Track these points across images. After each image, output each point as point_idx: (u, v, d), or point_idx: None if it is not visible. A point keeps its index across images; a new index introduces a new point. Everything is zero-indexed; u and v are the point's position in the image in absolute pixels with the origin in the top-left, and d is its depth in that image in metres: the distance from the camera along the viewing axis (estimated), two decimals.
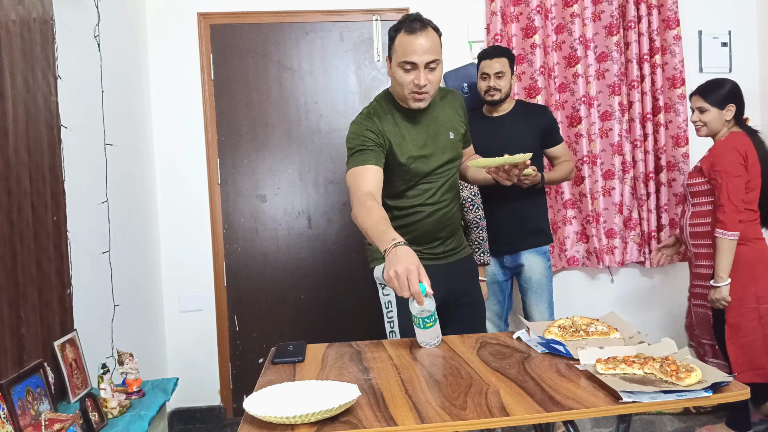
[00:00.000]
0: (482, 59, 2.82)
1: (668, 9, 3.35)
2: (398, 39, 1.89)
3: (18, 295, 1.78)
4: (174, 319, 3.32)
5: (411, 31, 1.86)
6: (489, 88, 2.81)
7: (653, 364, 1.34)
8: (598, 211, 3.39)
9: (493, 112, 2.91)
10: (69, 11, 2.25)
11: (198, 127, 3.30)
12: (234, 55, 3.31)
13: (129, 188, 2.84)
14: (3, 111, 1.76)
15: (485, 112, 2.94)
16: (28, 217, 1.86)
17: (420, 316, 1.64)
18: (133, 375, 2.09)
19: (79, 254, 2.18)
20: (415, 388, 1.37)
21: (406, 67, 1.88)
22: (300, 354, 1.68)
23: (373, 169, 1.88)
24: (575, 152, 3.37)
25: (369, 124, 1.96)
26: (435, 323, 1.67)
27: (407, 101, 1.95)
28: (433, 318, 1.65)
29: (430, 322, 1.65)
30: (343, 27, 3.36)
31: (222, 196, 3.33)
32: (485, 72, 2.80)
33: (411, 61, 1.86)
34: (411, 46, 1.86)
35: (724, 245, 2.51)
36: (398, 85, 1.93)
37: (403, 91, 1.92)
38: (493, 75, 2.78)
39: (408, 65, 1.87)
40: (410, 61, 1.86)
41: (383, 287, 2.08)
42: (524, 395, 1.29)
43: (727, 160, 2.53)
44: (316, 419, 1.19)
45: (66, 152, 2.13)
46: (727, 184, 2.51)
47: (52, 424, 1.57)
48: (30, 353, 1.80)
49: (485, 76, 2.81)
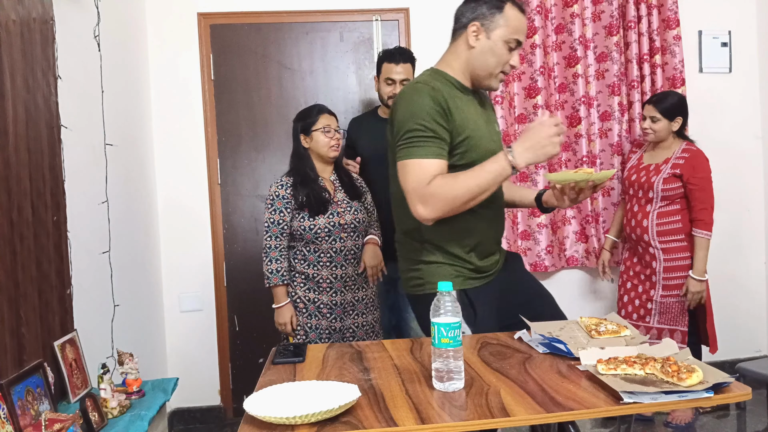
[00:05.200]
0: (387, 61, 2.71)
1: (668, 9, 3.34)
2: (509, 11, 1.71)
3: (18, 295, 1.77)
4: (174, 319, 3.32)
5: (522, 11, 1.73)
6: (394, 95, 2.65)
7: (654, 365, 1.34)
8: (597, 211, 3.39)
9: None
10: (69, 11, 2.25)
11: (198, 127, 3.30)
12: (234, 55, 3.31)
13: (129, 188, 2.84)
14: (3, 111, 1.76)
15: (381, 113, 2.86)
16: (28, 217, 1.86)
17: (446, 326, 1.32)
18: (133, 375, 2.09)
19: (79, 254, 2.17)
20: (416, 389, 1.37)
21: (512, 45, 1.72)
22: (300, 354, 1.67)
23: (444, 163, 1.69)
24: (575, 152, 3.37)
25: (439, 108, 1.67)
26: (461, 345, 1.36)
27: (491, 81, 1.77)
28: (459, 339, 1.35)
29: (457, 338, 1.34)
30: (343, 27, 3.36)
31: (222, 196, 3.33)
32: (391, 78, 2.69)
33: (520, 40, 1.72)
34: (522, 25, 1.72)
35: (705, 243, 2.79)
36: (492, 61, 1.73)
37: (495, 69, 1.75)
38: (399, 82, 2.69)
39: (514, 43, 1.73)
40: (519, 40, 1.72)
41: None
42: (525, 396, 1.29)
43: (707, 168, 2.83)
44: (316, 420, 1.19)
45: (66, 152, 2.12)
46: (709, 190, 2.81)
47: (52, 424, 1.57)
48: (30, 353, 1.80)
49: (390, 82, 2.70)
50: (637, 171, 2.96)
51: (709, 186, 2.83)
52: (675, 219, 2.85)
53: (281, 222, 2.43)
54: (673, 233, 2.85)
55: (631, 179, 2.97)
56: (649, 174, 2.88)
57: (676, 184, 2.81)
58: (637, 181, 2.92)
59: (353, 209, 2.50)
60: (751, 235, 3.65)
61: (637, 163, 3.00)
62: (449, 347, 1.34)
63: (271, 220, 2.44)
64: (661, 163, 2.88)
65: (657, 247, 2.87)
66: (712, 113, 3.53)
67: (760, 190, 3.66)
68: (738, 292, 3.61)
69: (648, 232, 2.87)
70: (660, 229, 2.85)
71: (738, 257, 3.63)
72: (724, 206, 3.53)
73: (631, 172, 3.00)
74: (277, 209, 2.43)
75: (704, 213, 2.79)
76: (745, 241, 3.64)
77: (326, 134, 2.46)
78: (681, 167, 2.80)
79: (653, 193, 2.85)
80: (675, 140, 2.91)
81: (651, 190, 2.85)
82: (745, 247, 3.64)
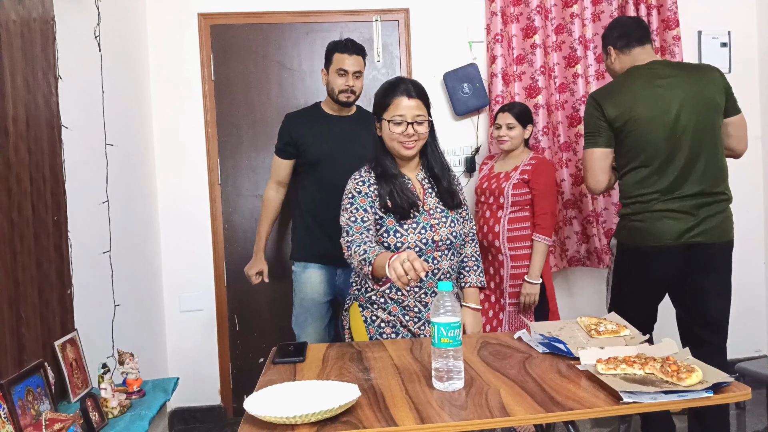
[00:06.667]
0: (339, 51, 2.61)
1: (668, 9, 3.35)
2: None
3: (18, 294, 1.77)
4: (174, 319, 3.32)
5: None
6: (347, 88, 2.61)
7: (654, 365, 1.34)
8: (598, 211, 3.39)
9: (338, 112, 2.73)
10: (69, 11, 2.25)
11: (198, 127, 3.30)
12: (234, 55, 3.31)
13: (129, 188, 2.84)
14: (3, 111, 1.76)
15: (326, 108, 2.76)
16: (29, 217, 1.86)
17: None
18: (134, 375, 2.09)
19: (80, 254, 2.18)
20: (416, 389, 1.37)
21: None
22: (301, 354, 1.68)
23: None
24: (575, 152, 3.37)
25: None
26: (461, 345, 1.38)
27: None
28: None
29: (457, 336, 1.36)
30: (343, 27, 3.36)
31: (222, 196, 3.33)
32: (343, 68, 2.57)
33: None
34: None
35: (542, 248, 2.82)
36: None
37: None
38: (352, 74, 2.58)
39: None
40: None
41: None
42: (524, 395, 1.29)
43: (551, 176, 2.90)
44: (316, 419, 1.19)
45: (66, 152, 2.13)
46: (550, 198, 2.85)
47: (52, 423, 1.57)
48: (30, 353, 1.80)
49: (343, 73, 2.58)
50: (489, 179, 2.97)
51: (552, 193, 2.86)
52: (525, 225, 2.86)
53: (366, 220, 1.89)
54: (522, 239, 2.85)
55: (483, 187, 2.98)
56: (500, 181, 2.90)
57: (524, 190, 2.83)
58: (489, 188, 2.94)
59: (450, 220, 1.98)
60: (751, 235, 3.65)
61: (488, 173, 3.02)
62: (449, 347, 1.35)
63: (352, 219, 1.89)
64: (510, 170, 2.90)
65: (506, 254, 2.87)
66: None
67: (760, 190, 3.66)
68: (738, 292, 3.59)
69: (499, 237, 2.87)
70: (510, 234, 2.86)
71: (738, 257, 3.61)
72: None
73: (482, 181, 3.01)
74: (360, 207, 1.90)
75: (544, 219, 2.81)
76: (745, 241, 3.63)
77: (397, 126, 1.90)
78: (528, 173, 2.83)
79: (504, 198, 2.86)
80: (524, 150, 2.95)
81: (501, 196, 2.87)
82: (744, 247, 3.63)
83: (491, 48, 3.29)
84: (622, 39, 2.51)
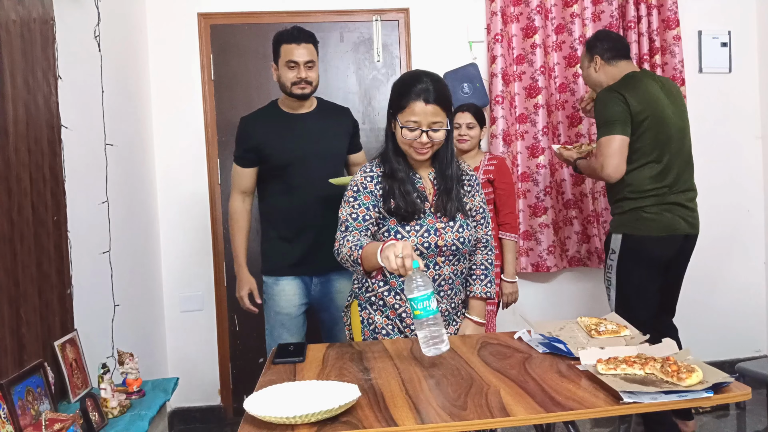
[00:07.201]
0: (286, 42, 2.37)
1: (668, 9, 3.35)
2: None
3: (18, 294, 1.77)
4: (174, 319, 3.32)
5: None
6: (300, 80, 2.37)
7: (654, 365, 1.34)
8: (598, 210, 3.39)
9: (297, 109, 2.48)
10: (69, 11, 2.25)
11: (198, 127, 3.30)
12: (234, 55, 3.31)
13: (129, 188, 2.84)
14: (3, 111, 1.76)
15: (284, 107, 2.51)
16: (29, 217, 1.86)
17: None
18: (134, 375, 2.09)
19: (80, 254, 2.18)
20: (416, 389, 1.37)
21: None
22: (300, 354, 1.67)
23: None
24: None
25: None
26: (436, 313, 1.49)
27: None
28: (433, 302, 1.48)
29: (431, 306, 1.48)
30: (343, 27, 3.36)
31: (222, 196, 3.33)
32: (293, 60, 2.34)
33: None
34: None
35: (512, 246, 2.84)
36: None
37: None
38: (303, 65, 2.36)
39: None
40: None
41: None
42: (525, 395, 1.29)
43: (510, 175, 2.91)
44: (316, 419, 1.19)
45: (66, 152, 2.13)
46: (514, 197, 2.89)
47: (52, 423, 1.57)
48: (30, 353, 1.80)
49: (293, 65, 2.35)
50: None
51: (513, 192, 2.90)
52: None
53: (367, 219, 1.81)
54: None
55: None
56: None
57: (488, 189, 2.81)
58: None
59: (458, 225, 1.86)
60: (751, 236, 3.65)
61: None
62: (424, 317, 1.49)
63: (353, 216, 1.80)
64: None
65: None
66: (712, 113, 3.53)
67: (760, 190, 3.66)
68: (738, 292, 3.61)
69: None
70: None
71: (738, 257, 3.63)
72: (724, 206, 3.54)
73: None
74: (363, 204, 1.81)
75: (510, 217, 2.81)
76: (745, 242, 3.64)
77: (411, 132, 1.76)
78: (492, 173, 2.81)
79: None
80: (479, 151, 2.92)
81: None
82: (745, 247, 3.64)
83: (491, 48, 3.29)
84: (611, 51, 2.66)
